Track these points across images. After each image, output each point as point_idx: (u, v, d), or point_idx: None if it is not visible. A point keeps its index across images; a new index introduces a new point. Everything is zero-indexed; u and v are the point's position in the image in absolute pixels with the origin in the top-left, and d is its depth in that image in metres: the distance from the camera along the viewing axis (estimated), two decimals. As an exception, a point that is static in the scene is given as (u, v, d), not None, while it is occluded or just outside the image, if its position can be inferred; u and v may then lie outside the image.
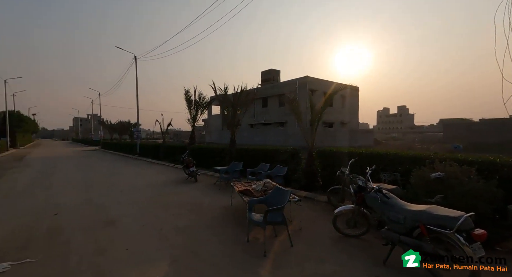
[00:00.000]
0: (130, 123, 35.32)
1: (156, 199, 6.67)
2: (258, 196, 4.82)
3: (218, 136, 35.14)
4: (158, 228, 4.51)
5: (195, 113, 15.40)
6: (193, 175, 9.05)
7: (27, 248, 3.70)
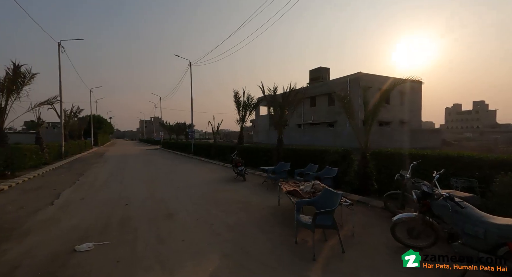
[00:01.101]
0: (186, 124, 38.46)
1: (208, 195, 7.09)
2: (306, 197, 4.69)
3: (266, 136, 35.53)
4: (210, 223, 4.77)
5: (244, 114, 15.87)
6: (242, 174, 9.33)
7: (105, 232, 4.34)
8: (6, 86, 10.16)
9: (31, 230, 4.43)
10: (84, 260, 3.33)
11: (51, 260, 3.32)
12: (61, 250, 3.60)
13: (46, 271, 3.03)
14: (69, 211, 5.63)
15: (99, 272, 3.03)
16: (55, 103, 15.08)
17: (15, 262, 3.26)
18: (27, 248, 3.70)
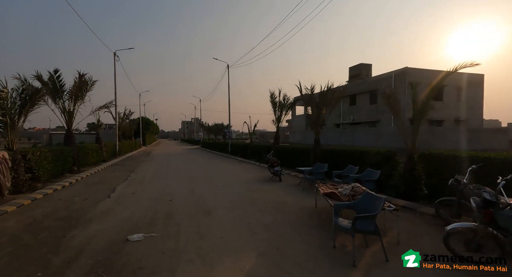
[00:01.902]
0: (223, 125, 39.81)
1: (244, 194, 7.24)
2: (345, 200, 4.50)
3: (302, 136, 34.88)
4: (247, 221, 4.88)
5: (279, 114, 15.84)
6: (278, 175, 9.32)
7: (152, 225, 4.73)
8: (74, 92, 11.74)
9: (92, 219, 5.05)
10: (135, 249, 3.68)
11: (108, 247, 3.74)
12: (116, 239, 4.03)
13: (105, 257, 3.43)
14: (123, 204, 6.27)
15: (147, 261, 3.32)
16: (111, 107, 16.96)
17: (81, 246, 3.76)
18: (90, 235, 4.23)
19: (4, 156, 6.48)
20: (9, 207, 5.66)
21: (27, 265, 3.21)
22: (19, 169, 7.12)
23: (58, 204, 6.24)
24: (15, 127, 7.69)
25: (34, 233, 4.31)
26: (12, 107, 7.63)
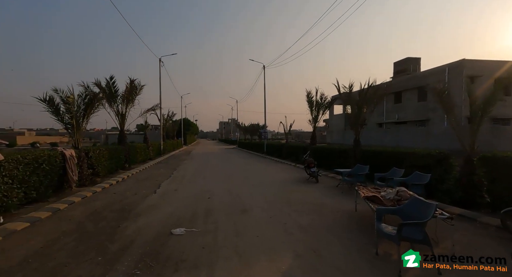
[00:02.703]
0: (259, 125, 40.25)
1: (280, 195, 7.22)
2: (389, 205, 4.19)
3: (340, 136, 33.46)
4: (283, 222, 4.86)
5: (316, 113, 15.44)
6: (314, 176, 9.09)
7: (193, 220, 5.01)
8: (126, 97, 13.04)
9: (141, 212, 5.54)
10: (178, 242, 3.94)
11: (155, 239, 4.06)
12: (162, 232, 4.36)
13: (152, 248, 3.74)
14: (167, 199, 6.75)
15: (189, 254, 3.53)
16: (157, 109, 18.41)
17: (132, 237, 4.15)
18: (139, 226, 4.65)
19: (72, 153, 7.49)
20: (75, 198, 6.52)
21: (90, 250, 3.66)
22: (83, 165, 8.15)
23: (113, 197, 6.98)
24: (80, 128, 8.83)
25: (94, 222, 4.89)
26: (77, 110, 8.76)
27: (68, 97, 8.35)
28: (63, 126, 8.88)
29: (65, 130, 9.38)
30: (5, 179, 4.96)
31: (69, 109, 8.44)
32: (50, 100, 8.21)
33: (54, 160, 6.69)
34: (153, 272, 3.04)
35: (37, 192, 5.93)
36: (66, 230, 4.44)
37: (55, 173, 6.72)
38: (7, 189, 5.00)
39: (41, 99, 8.08)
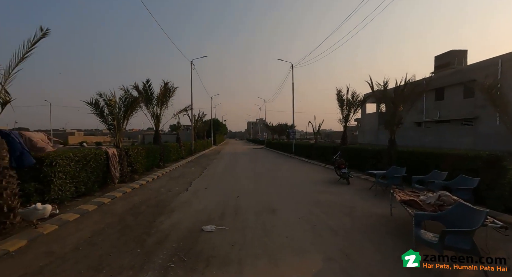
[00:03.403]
0: (287, 125, 39.91)
1: (309, 195, 7.09)
2: (429, 210, 3.89)
3: (374, 136, 31.80)
4: (312, 223, 4.76)
5: (347, 112, 14.85)
6: (345, 177, 8.76)
7: (223, 218, 5.14)
8: (160, 99, 13.83)
9: (175, 208, 5.84)
10: (208, 239, 4.08)
11: (187, 234, 4.26)
12: (193, 228, 4.55)
13: (185, 243, 3.92)
14: (198, 197, 7.02)
15: (219, 251, 3.63)
16: (188, 110, 19.23)
17: (166, 232, 4.39)
18: (173, 222, 4.91)
19: (114, 152, 8.15)
20: (117, 193, 7.08)
21: (130, 242, 3.95)
22: (123, 163, 8.82)
23: (150, 193, 7.45)
24: (120, 129, 9.57)
25: (134, 216, 5.27)
26: (119, 112, 9.51)
27: (110, 100, 9.11)
28: (106, 126, 9.71)
29: (108, 131, 10.25)
30: (60, 174, 5.57)
31: (111, 111, 9.20)
32: (96, 104, 9.03)
33: (99, 158, 7.34)
34: (186, 266, 3.19)
35: (85, 186, 6.57)
36: (110, 222, 4.85)
37: (100, 169, 7.37)
38: (61, 183, 5.61)
39: (88, 103, 8.92)
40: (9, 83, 4.63)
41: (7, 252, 3.49)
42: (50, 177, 5.29)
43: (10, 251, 3.52)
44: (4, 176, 4.30)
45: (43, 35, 4.90)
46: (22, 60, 4.74)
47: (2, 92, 4.54)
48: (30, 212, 4.20)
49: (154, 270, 3.10)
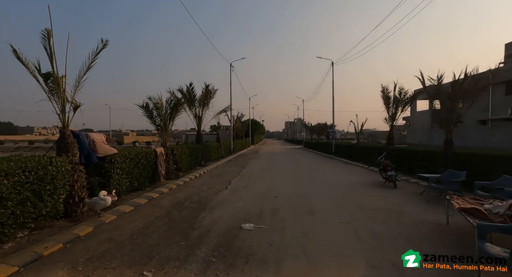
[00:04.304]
0: (327, 125, 38.54)
1: (350, 198, 6.75)
2: (496, 221, 3.39)
3: (425, 136, 28.79)
4: (354, 227, 4.53)
5: (394, 111, 13.74)
6: (392, 180, 8.12)
7: (261, 217, 5.21)
8: (202, 100, 14.59)
9: (215, 205, 6.10)
10: (247, 236, 4.17)
11: (227, 231, 4.42)
12: (233, 225, 4.70)
13: (225, 239, 4.07)
14: (237, 195, 7.22)
15: (257, 249, 3.69)
16: (227, 111, 19.93)
17: (208, 227, 4.62)
18: (214, 218, 5.14)
19: (161, 151, 8.86)
20: (164, 189, 7.69)
21: (175, 235, 4.26)
22: (169, 161, 9.53)
23: (192, 190, 7.92)
24: (167, 129, 10.36)
25: (179, 211, 5.67)
26: (165, 114, 10.31)
27: (157, 103, 9.93)
28: (155, 127, 10.62)
29: (156, 131, 11.19)
30: (117, 170, 6.26)
31: (159, 113, 10.02)
32: (146, 106, 9.93)
33: (149, 156, 8.05)
34: (226, 262, 3.31)
35: (138, 182, 7.27)
36: (158, 216, 5.29)
37: (150, 167, 8.08)
38: (119, 178, 6.30)
39: (140, 106, 9.86)
40: (78, 91, 5.37)
41: (78, 236, 4.06)
42: (110, 173, 5.98)
43: (80, 236, 4.09)
44: (75, 170, 5.01)
45: (103, 46, 5.56)
46: (88, 70, 5.46)
47: (73, 99, 5.29)
48: (95, 202, 4.81)
49: (197, 263, 3.29)
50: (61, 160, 4.62)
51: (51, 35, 4.81)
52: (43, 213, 4.16)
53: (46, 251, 3.48)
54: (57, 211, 4.51)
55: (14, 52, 4.72)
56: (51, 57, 4.90)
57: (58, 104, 5.09)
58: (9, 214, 3.58)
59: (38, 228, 4.21)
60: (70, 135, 5.16)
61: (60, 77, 4.97)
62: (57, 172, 4.41)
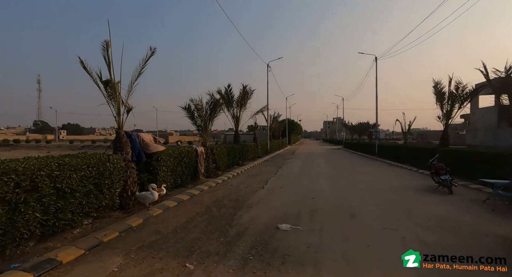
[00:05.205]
0: (369, 124, 36.25)
1: (397, 203, 6.24)
2: None
3: (490, 136, 25.12)
4: (400, 235, 4.18)
5: (450, 108, 12.31)
6: (446, 185, 7.27)
7: (298, 218, 5.13)
8: (239, 101, 14.96)
9: (252, 204, 6.20)
10: (284, 237, 4.15)
11: (264, 230, 4.45)
12: (269, 224, 4.72)
13: (262, 238, 4.11)
14: (274, 195, 7.23)
15: (294, 250, 3.65)
16: (264, 111, 20.09)
17: (245, 225, 4.72)
18: (251, 217, 5.22)
19: (202, 150, 9.33)
20: (204, 186, 8.08)
21: (215, 230, 4.45)
22: (209, 160, 9.98)
23: (230, 189, 8.16)
24: (207, 129, 10.87)
25: (218, 208, 5.90)
26: (205, 115, 10.82)
27: (198, 104, 10.48)
28: (196, 128, 11.23)
29: (197, 131, 11.82)
30: (163, 168, 6.77)
31: (199, 114, 10.57)
32: (188, 108, 10.56)
33: (191, 155, 8.54)
34: (263, 260, 3.34)
35: (181, 179, 7.76)
36: (199, 212, 5.58)
37: (191, 165, 8.56)
38: (164, 175, 6.81)
39: (183, 107, 10.52)
40: (131, 95, 5.96)
41: (131, 227, 4.51)
42: (157, 170, 6.50)
43: (132, 226, 4.53)
44: (128, 167, 5.56)
45: (152, 53, 6.07)
46: (139, 76, 6.01)
47: (127, 102, 5.89)
48: (145, 196, 5.28)
49: (235, 259, 3.38)
50: (117, 158, 5.18)
51: (109, 46, 5.43)
52: (103, 204, 4.72)
53: (105, 238, 3.93)
54: (114, 203, 5.07)
55: (81, 63, 5.43)
56: (109, 66, 5.52)
57: (114, 107, 5.71)
58: (77, 204, 4.14)
59: (99, 217, 4.79)
60: (124, 135, 5.75)
61: (116, 82, 5.58)
62: (113, 168, 4.96)
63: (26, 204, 3.36)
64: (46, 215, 3.62)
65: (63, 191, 3.88)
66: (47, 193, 3.63)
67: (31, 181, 3.45)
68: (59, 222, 3.83)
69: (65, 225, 3.97)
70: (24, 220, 3.33)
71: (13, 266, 3.01)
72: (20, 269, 2.93)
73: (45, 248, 3.55)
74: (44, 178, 3.60)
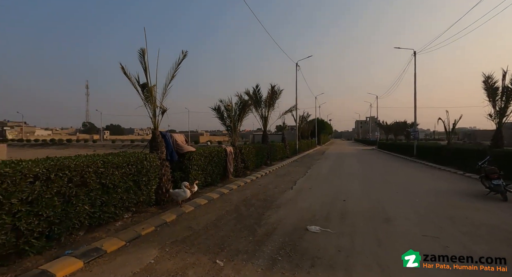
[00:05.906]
0: (406, 123, 33.94)
1: (438, 208, 5.75)
2: None
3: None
4: (443, 243, 3.84)
5: (504, 104, 11.00)
6: (500, 191, 6.50)
7: (327, 220, 4.99)
8: (267, 102, 14.98)
9: (281, 205, 6.17)
10: (313, 239, 4.06)
11: (292, 231, 4.41)
12: (298, 226, 4.66)
13: (290, 239, 4.07)
14: (302, 196, 7.11)
15: (324, 253, 3.56)
16: (293, 111, 19.84)
17: (274, 225, 4.72)
18: (280, 217, 5.21)
19: (231, 150, 9.53)
20: (233, 186, 8.24)
21: (243, 229, 4.52)
22: (238, 160, 10.16)
23: (259, 188, 8.21)
24: (236, 130, 11.07)
25: (246, 207, 5.98)
26: (234, 115, 11.03)
27: (227, 105, 10.72)
28: (225, 128, 11.50)
29: (226, 131, 12.09)
30: (195, 167, 7.06)
31: (229, 114, 10.81)
32: (218, 109, 10.86)
33: (220, 154, 8.77)
34: (292, 262, 3.31)
35: (211, 178, 8.02)
36: (229, 210, 5.71)
37: (221, 164, 8.79)
38: (195, 174, 7.09)
39: (213, 108, 10.85)
40: (165, 97, 6.31)
41: (166, 222, 4.78)
42: (189, 169, 6.80)
43: (167, 222, 4.80)
44: (163, 165, 5.90)
45: (184, 56, 6.37)
46: (172, 78, 6.33)
47: (162, 104, 6.25)
48: (178, 193, 5.56)
49: (264, 259, 3.40)
50: (153, 157, 5.52)
51: (145, 52, 5.81)
52: (141, 200, 5.07)
53: (143, 231, 4.22)
54: (150, 199, 5.41)
55: (122, 69, 5.90)
56: (145, 70, 5.91)
57: (150, 109, 6.11)
58: (119, 199, 4.50)
59: (137, 212, 5.15)
60: (159, 135, 6.11)
61: (152, 86, 5.95)
62: (150, 166, 5.29)
63: (77, 197, 3.75)
64: (93, 208, 4.00)
65: (107, 187, 4.25)
66: (94, 188, 4.01)
67: (81, 176, 3.84)
68: (104, 214, 4.21)
69: (109, 217, 4.34)
70: (75, 212, 3.72)
71: (67, 252, 3.38)
72: (72, 255, 3.28)
73: (93, 238, 3.93)
74: (92, 174, 3.98)
